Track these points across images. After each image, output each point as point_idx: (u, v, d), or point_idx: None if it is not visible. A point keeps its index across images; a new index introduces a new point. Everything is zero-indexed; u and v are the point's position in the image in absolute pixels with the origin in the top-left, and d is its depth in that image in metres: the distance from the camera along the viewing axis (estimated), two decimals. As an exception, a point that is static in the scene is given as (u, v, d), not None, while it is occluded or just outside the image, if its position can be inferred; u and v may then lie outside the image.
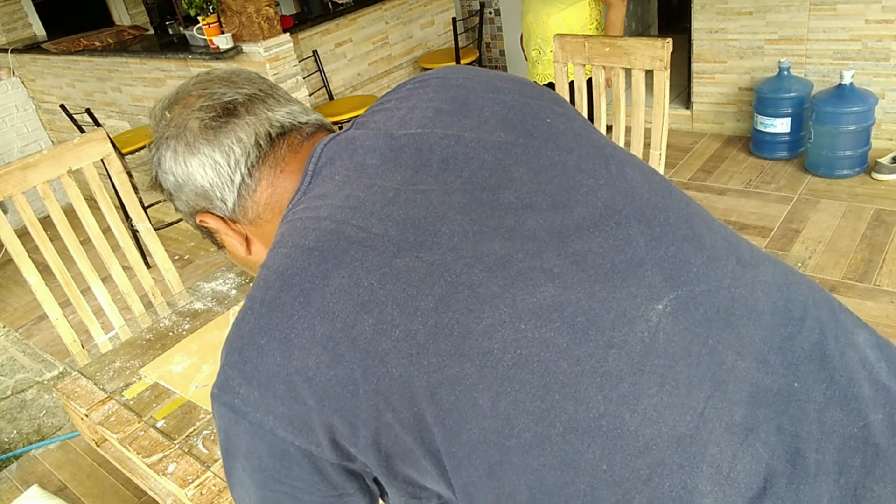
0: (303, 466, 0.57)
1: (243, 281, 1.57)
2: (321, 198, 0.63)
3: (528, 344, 0.53)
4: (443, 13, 4.13)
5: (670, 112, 3.70)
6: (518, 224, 0.58)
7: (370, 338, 0.53)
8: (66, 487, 2.15)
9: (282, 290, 0.57)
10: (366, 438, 0.55)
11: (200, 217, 0.72)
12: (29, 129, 4.41)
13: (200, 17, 2.84)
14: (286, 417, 0.56)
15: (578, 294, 0.55)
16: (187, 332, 1.42)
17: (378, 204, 0.60)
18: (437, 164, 0.62)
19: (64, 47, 3.55)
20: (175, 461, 1.08)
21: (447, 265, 0.56)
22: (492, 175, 0.61)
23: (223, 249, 0.77)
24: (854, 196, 2.85)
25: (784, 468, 0.53)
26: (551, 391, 0.52)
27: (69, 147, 1.67)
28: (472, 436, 0.52)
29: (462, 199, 0.60)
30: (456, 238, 0.57)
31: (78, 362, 1.42)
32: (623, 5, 2.44)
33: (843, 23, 3.01)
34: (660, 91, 1.78)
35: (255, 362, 0.56)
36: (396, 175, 0.62)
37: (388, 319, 0.54)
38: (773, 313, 0.60)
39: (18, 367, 2.68)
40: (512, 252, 0.57)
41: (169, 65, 3.17)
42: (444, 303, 0.54)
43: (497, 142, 0.64)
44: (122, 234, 1.79)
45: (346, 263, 0.56)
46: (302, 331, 0.55)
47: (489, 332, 0.53)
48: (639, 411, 0.52)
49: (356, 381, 0.54)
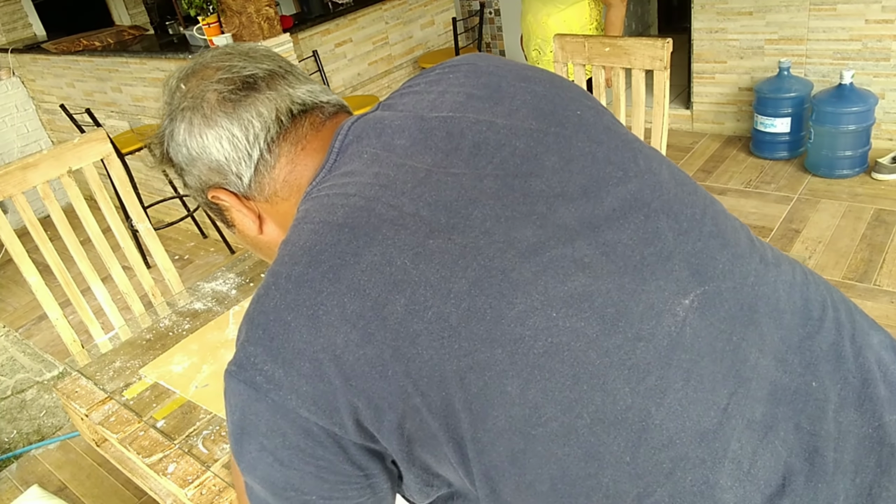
0: (326, 447, 0.56)
1: (243, 281, 1.57)
2: (348, 175, 0.62)
3: (558, 332, 0.53)
4: (443, 13, 4.13)
5: (670, 112, 3.70)
6: (549, 212, 0.58)
7: (401, 318, 0.53)
8: (66, 487, 2.15)
9: (309, 266, 0.56)
10: (391, 422, 0.54)
11: (213, 193, 0.70)
12: (29, 129, 4.41)
13: (200, 17, 2.84)
14: (310, 397, 0.54)
15: (608, 285, 0.55)
16: (187, 332, 1.42)
17: (409, 184, 0.59)
18: (469, 148, 0.62)
19: (64, 47, 3.55)
20: (175, 461, 1.08)
21: (480, 249, 0.55)
22: (523, 162, 0.61)
23: (233, 229, 0.75)
24: (854, 196, 2.84)
25: (802, 466, 0.54)
26: (580, 381, 0.52)
27: (69, 147, 1.67)
28: (498, 422, 0.52)
29: (494, 185, 0.59)
30: (488, 222, 0.57)
31: (78, 362, 1.42)
32: (623, 5, 2.44)
33: (843, 23, 3.01)
34: (660, 91, 1.78)
35: (281, 339, 0.55)
36: (426, 157, 0.61)
37: (421, 300, 0.53)
38: (794, 312, 0.60)
39: (18, 367, 2.68)
40: (544, 239, 0.56)
41: (169, 65, 3.17)
42: (477, 286, 0.53)
43: (529, 130, 0.63)
44: (122, 234, 1.79)
45: (378, 241, 0.55)
46: (331, 308, 0.54)
47: (521, 318, 0.53)
48: (664, 405, 0.52)
49: (385, 362, 0.53)
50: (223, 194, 0.69)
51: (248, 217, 0.71)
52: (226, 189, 0.69)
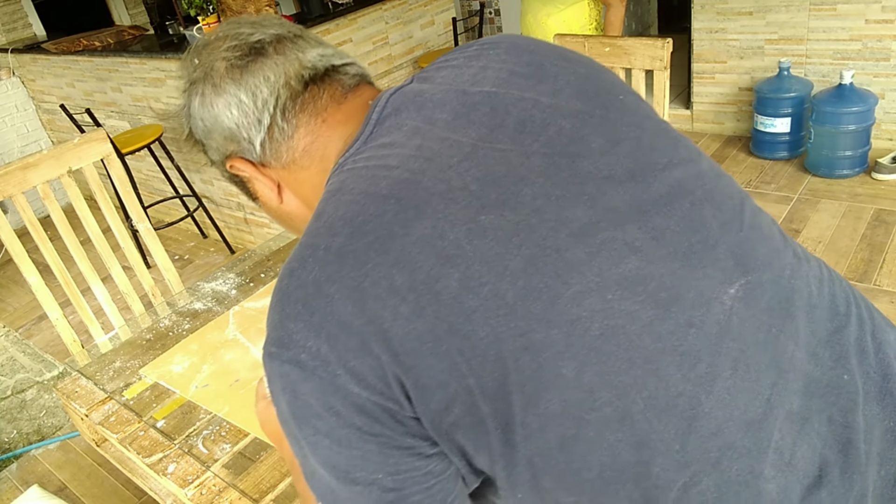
0: (384, 422, 0.53)
1: (243, 281, 1.57)
2: (387, 147, 0.59)
3: (614, 315, 0.52)
4: (443, 13, 4.13)
5: (670, 112, 3.70)
6: (599, 193, 0.57)
7: (456, 293, 0.51)
8: (66, 487, 2.15)
9: (352, 238, 0.53)
10: (438, 403, 0.52)
11: (231, 162, 0.69)
12: (29, 129, 4.41)
13: (200, 17, 2.84)
14: (359, 372, 0.51)
15: (661, 269, 0.54)
16: (187, 332, 1.42)
17: (455, 158, 0.57)
18: (514, 125, 0.60)
19: (64, 47, 3.55)
20: (175, 461, 1.08)
21: (532, 227, 0.53)
22: (570, 143, 0.59)
23: (257, 201, 0.74)
24: (854, 196, 2.84)
25: (837, 458, 0.55)
26: (635, 366, 0.51)
27: (69, 147, 1.67)
28: (550, 406, 0.51)
29: (542, 163, 0.57)
30: (539, 200, 0.55)
31: (78, 362, 1.42)
32: (622, 5, 2.44)
33: (843, 23, 3.01)
34: (660, 91, 1.78)
35: (324, 312, 0.52)
36: (470, 131, 0.59)
37: (476, 276, 0.51)
38: (823, 307, 0.61)
39: (18, 367, 2.68)
40: (595, 220, 0.55)
41: (169, 65, 3.17)
42: (532, 265, 0.52)
43: (574, 111, 0.62)
44: (122, 234, 1.79)
45: (428, 214, 0.53)
46: (378, 280, 0.51)
47: (577, 299, 0.52)
48: (714, 393, 0.52)
49: (438, 338, 0.50)
50: (240, 163, 0.69)
51: (266, 186, 0.70)
52: (242, 158, 0.68)
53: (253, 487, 1.00)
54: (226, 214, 3.56)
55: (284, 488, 0.99)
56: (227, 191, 3.39)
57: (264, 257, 1.66)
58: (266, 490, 0.99)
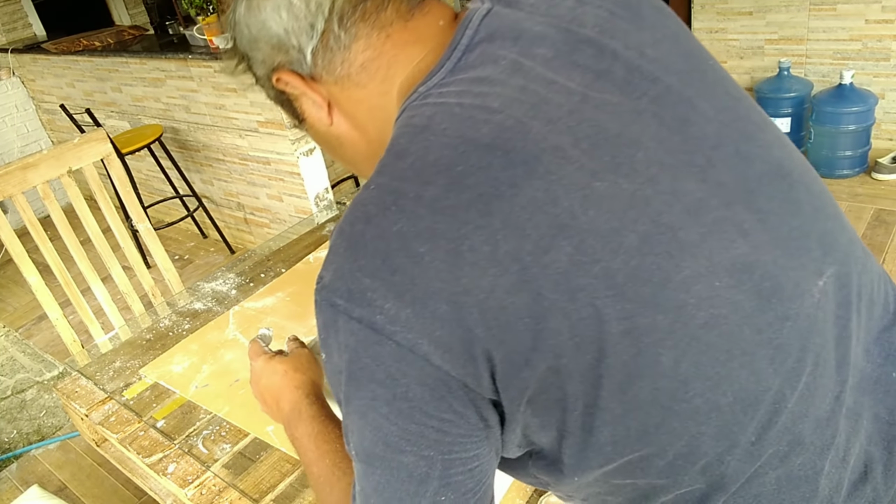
0: (457, 397, 0.48)
1: (243, 281, 1.57)
2: (484, 82, 0.52)
3: (720, 304, 0.48)
4: (443, 13, 4.12)
5: (670, 112, 3.70)
6: (708, 165, 0.51)
7: (565, 269, 0.46)
8: (66, 487, 2.15)
9: (450, 190, 0.47)
10: (523, 381, 0.48)
11: (278, 75, 0.61)
12: (29, 129, 4.41)
13: (200, 17, 2.84)
14: (445, 343, 0.46)
15: (766, 257, 0.51)
16: (187, 332, 1.42)
17: (564, 107, 0.50)
18: (622, 75, 0.53)
19: (64, 47, 3.55)
20: (175, 461, 1.08)
21: (648, 199, 0.48)
22: (679, 103, 0.53)
23: (303, 124, 0.66)
24: (854, 196, 2.84)
25: (881, 455, 0.55)
26: (732, 358, 0.49)
27: (69, 147, 1.67)
28: (640, 393, 0.48)
29: (652, 124, 0.51)
30: (653, 168, 0.49)
31: (78, 362, 1.42)
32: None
33: (843, 23, 3.01)
34: (660, 91, 1.77)
35: (410, 274, 0.46)
36: (575, 76, 0.52)
37: (589, 251, 0.46)
38: (879, 304, 0.61)
39: (18, 367, 2.69)
40: (706, 196, 0.50)
41: (169, 65, 3.17)
42: (647, 243, 0.47)
43: (677, 68, 0.55)
44: (122, 234, 1.79)
45: (540, 174, 0.47)
46: (478, 244, 0.45)
47: (686, 284, 0.47)
48: (797, 389, 0.51)
49: (539, 315, 0.46)
50: (287, 76, 0.61)
51: (316, 104, 0.62)
52: (290, 70, 0.61)
53: (253, 487, 1.00)
54: (226, 214, 3.56)
55: (284, 488, 0.99)
56: (227, 191, 3.39)
57: (264, 257, 1.66)
58: (266, 490, 0.99)
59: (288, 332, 1.33)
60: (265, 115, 2.93)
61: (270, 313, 1.41)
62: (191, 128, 3.34)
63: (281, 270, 1.57)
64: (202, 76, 3.05)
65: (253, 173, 3.18)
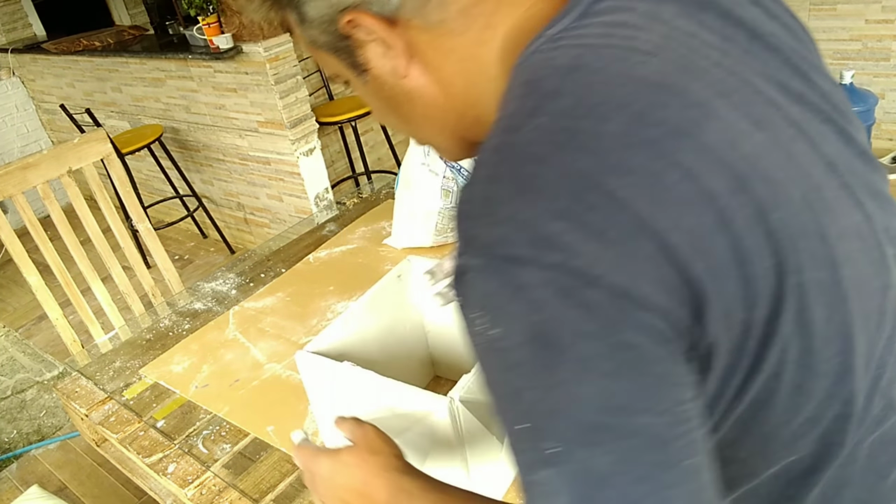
0: (673, 344, 0.42)
1: (243, 281, 1.57)
2: (627, 27, 0.48)
3: (855, 265, 0.49)
4: None
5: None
6: (831, 134, 0.52)
7: (754, 213, 0.43)
8: (66, 487, 2.15)
9: (633, 126, 0.42)
10: (715, 334, 0.44)
11: (351, 16, 0.51)
12: (29, 129, 4.41)
13: (200, 17, 2.84)
14: (658, 281, 0.41)
15: (876, 226, 0.52)
16: (187, 332, 1.42)
17: (711, 59, 0.48)
18: (745, 38, 0.51)
19: (64, 47, 3.55)
20: (175, 461, 1.08)
21: (794, 157, 0.48)
22: (794, 74, 0.52)
23: (362, 76, 0.56)
24: (854, 196, 2.85)
25: None
26: (861, 321, 0.50)
27: (69, 147, 1.67)
28: (790, 352, 0.46)
29: (775, 90, 0.50)
30: (791, 129, 0.49)
31: (78, 362, 1.42)
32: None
33: (843, 23, 3.01)
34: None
35: (608, 211, 0.41)
36: (703, 33, 0.49)
37: (771, 199, 0.44)
38: None
39: (18, 367, 2.69)
40: (835, 161, 0.51)
41: (169, 65, 3.17)
42: (805, 198, 0.46)
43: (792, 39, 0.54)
44: (122, 234, 1.79)
45: (715, 116, 0.44)
46: (677, 180, 0.41)
47: (835, 242, 0.47)
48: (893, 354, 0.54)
49: (741, 260, 0.42)
50: (364, 17, 0.51)
51: (391, 52, 0.53)
52: (368, 12, 0.51)
53: (253, 487, 1.00)
54: (226, 214, 3.56)
55: (284, 488, 0.99)
56: (227, 191, 3.39)
57: (264, 257, 1.66)
58: (266, 490, 0.99)
59: (288, 331, 1.33)
60: (265, 115, 2.93)
61: (270, 313, 1.41)
62: (191, 128, 3.34)
63: (281, 270, 1.57)
64: (202, 76, 3.05)
65: (253, 173, 3.18)
